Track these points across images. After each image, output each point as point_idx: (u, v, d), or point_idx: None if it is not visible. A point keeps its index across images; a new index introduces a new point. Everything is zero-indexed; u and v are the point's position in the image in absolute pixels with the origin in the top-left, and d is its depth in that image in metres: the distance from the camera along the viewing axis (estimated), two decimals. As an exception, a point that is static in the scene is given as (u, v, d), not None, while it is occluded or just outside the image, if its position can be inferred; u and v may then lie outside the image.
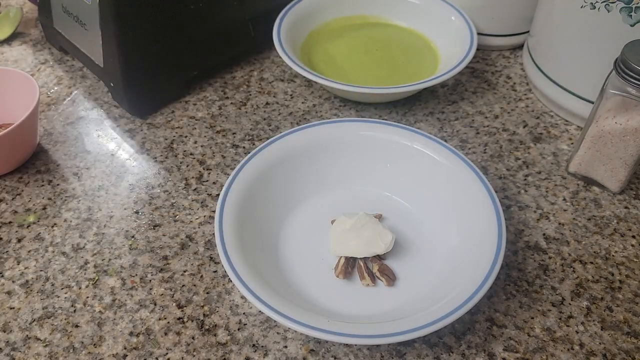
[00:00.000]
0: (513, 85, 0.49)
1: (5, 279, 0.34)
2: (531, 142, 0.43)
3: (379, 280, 0.34)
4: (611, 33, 0.38)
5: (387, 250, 0.33)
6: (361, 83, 0.45)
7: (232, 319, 0.32)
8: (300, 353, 0.31)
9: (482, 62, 0.51)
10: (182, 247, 0.36)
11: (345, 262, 0.34)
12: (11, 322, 0.32)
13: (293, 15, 0.49)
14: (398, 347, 0.31)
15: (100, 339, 0.31)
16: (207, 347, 0.31)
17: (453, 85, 0.49)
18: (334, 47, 0.49)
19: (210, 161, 0.42)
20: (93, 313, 0.33)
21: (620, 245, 0.36)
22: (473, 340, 0.31)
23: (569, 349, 0.31)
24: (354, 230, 0.34)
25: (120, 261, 0.35)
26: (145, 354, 0.31)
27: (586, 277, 0.34)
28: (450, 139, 0.43)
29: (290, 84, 0.49)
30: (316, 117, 0.45)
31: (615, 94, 0.34)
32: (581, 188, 0.40)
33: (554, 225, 0.37)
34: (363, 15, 0.53)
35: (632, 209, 0.38)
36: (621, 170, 0.37)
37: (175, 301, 0.33)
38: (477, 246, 0.31)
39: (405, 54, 0.49)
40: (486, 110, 0.46)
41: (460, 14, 0.49)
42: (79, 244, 0.36)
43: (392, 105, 0.46)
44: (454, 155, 0.36)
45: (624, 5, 0.36)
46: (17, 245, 0.36)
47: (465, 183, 0.34)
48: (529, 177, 0.40)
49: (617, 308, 0.33)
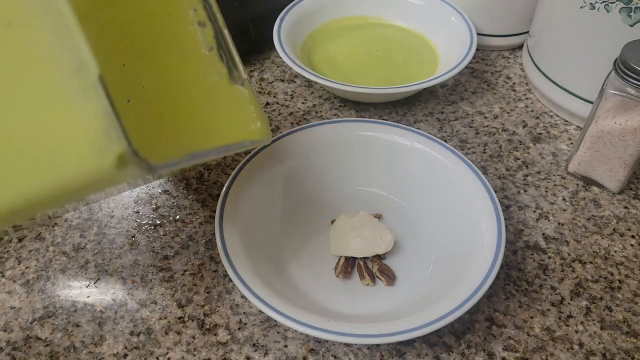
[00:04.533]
0: (512, 85, 0.49)
1: (6, 279, 0.34)
2: (531, 142, 0.43)
3: (378, 279, 0.34)
4: (611, 33, 0.38)
5: (387, 250, 0.34)
6: (361, 83, 0.46)
7: (233, 318, 0.32)
8: (300, 352, 0.31)
9: (481, 62, 0.51)
10: (183, 247, 0.36)
11: (345, 262, 0.34)
12: (12, 321, 0.32)
13: (293, 16, 0.49)
14: (398, 347, 0.31)
15: (101, 339, 0.31)
16: (208, 347, 0.31)
17: (453, 86, 0.49)
18: (334, 47, 0.49)
19: (211, 161, 0.42)
20: (94, 312, 0.33)
21: (619, 245, 0.36)
22: (473, 340, 0.31)
23: (568, 349, 0.31)
24: (354, 230, 0.34)
25: (120, 261, 0.35)
26: (146, 353, 0.31)
27: (585, 276, 0.34)
28: (449, 139, 0.43)
29: (291, 84, 0.49)
30: (316, 117, 0.45)
31: (615, 94, 0.34)
32: (580, 188, 0.40)
33: (553, 225, 0.37)
34: (363, 16, 0.53)
35: (632, 209, 0.38)
36: (620, 170, 0.37)
37: (175, 300, 0.33)
38: (477, 246, 0.32)
39: (405, 54, 0.49)
40: (486, 110, 0.46)
41: (460, 14, 0.49)
42: (79, 244, 0.36)
43: (392, 105, 0.47)
44: (453, 155, 0.36)
45: (624, 5, 0.36)
46: (18, 245, 0.36)
47: (465, 183, 0.35)
48: (528, 177, 0.41)
49: (616, 308, 0.33)
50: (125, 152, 0.19)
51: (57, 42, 0.19)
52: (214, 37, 0.28)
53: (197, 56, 0.28)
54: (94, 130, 0.19)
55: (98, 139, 0.19)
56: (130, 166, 0.19)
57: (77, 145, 0.19)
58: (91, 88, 0.19)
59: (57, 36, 0.19)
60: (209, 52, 0.28)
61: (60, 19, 0.19)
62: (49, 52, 0.19)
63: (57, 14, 0.19)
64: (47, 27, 0.19)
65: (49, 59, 0.19)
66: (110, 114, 0.19)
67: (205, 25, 0.28)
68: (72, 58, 0.19)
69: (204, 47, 0.28)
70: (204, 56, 0.28)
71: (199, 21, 0.28)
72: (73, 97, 0.19)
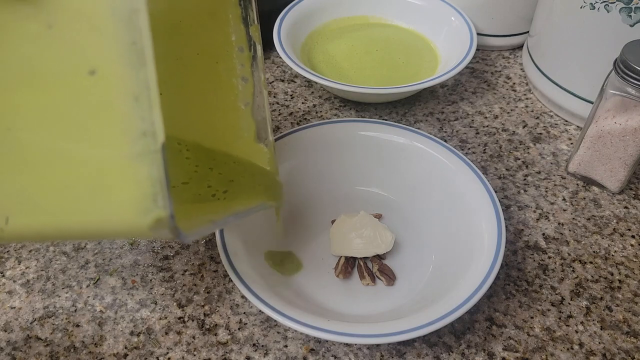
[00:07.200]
0: (513, 85, 0.49)
1: (7, 279, 0.34)
2: (531, 142, 0.43)
3: (378, 279, 0.34)
4: (611, 33, 0.38)
5: (387, 250, 0.34)
6: (361, 83, 0.46)
7: (233, 318, 0.32)
8: (300, 352, 0.31)
9: (481, 62, 0.51)
10: (183, 247, 0.36)
11: (345, 262, 0.34)
12: (12, 321, 0.32)
13: (293, 16, 0.49)
14: (398, 347, 0.31)
15: (101, 339, 0.31)
16: (208, 347, 0.31)
17: (453, 86, 0.49)
18: (334, 47, 0.49)
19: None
20: (94, 312, 0.33)
21: (619, 245, 0.36)
22: (473, 340, 0.31)
23: (568, 349, 0.31)
24: (354, 230, 0.34)
25: (121, 261, 0.35)
26: (146, 353, 0.31)
27: (585, 276, 0.34)
28: (450, 139, 0.43)
29: (291, 84, 0.49)
30: (316, 117, 0.45)
31: (615, 94, 0.34)
32: (581, 188, 0.40)
33: (553, 225, 0.37)
34: (363, 16, 0.53)
35: (632, 209, 0.38)
36: (621, 170, 0.37)
37: (175, 300, 0.33)
38: (477, 246, 0.32)
39: (405, 54, 0.49)
40: (486, 110, 0.46)
41: (460, 14, 0.49)
42: (79, 244, 0.36)
43: (392, 105, 0.47)
44: (453, 156, 0.36)
45: (624, 5, 0.36)
46: (18, 245, 0.36)
47: (465, 183, 0.35)
48: (528, 177, 0.41)
49: (616, 308, 0.33)
50: (165, 217, 0.20)
51: (133, 105, 0.20)
52: (252, 94, 0.29)
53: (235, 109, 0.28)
54: (143, 192, 0.20)
55: (145, 200, 0.20)
56: (164, 230, 0.20)
57: (123, 199, 0.20)
58: (152, 154, 0.20)
59: (135, 100, 0.20)
60: (244, 107, 0.29)
61: (143, 86, 0.20)
62: (122, 111, 0.20)
63: (142, 82, 0.20)
64: (127, 89, 0.20)
65: (120, 117, 0.20)
66: (163, 182, 0.20)
67: (247, 81, 0.29)
68: (141, 124, 0.20)
69: (241, 101, 0.29)
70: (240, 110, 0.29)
71: (243, 76, 0.29)
72: (133, 157, 0.20)
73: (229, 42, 0.28)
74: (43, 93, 0.21)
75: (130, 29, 0.20)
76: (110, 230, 0.21)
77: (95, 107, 0.20)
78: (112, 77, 0.20)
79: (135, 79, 0.20)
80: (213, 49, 0.27)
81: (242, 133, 0.29)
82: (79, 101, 0.21)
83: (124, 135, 0.20)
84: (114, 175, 0.20)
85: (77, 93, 0.21)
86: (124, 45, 0.20)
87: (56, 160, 0.21)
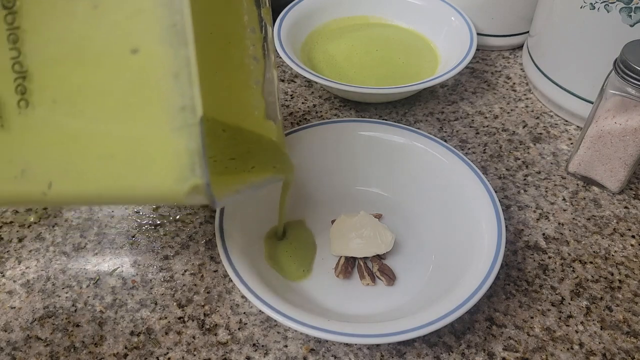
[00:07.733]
0: (513, 85, 0.49)
1: (7, 279, 0.34)
2: (531, 142, 0.43)
3: (378, 279, 0.34)
4: (611, 33, 0.38)
5: (387, 250, 0.34)
6: (361, 83, 0.46)
7: (233, 318, 0.32)
8: (300, 352, 0.31)
9: (481, 62, 0.51)
10: (183, 247, 0.36)
11: (345, 262, 0.34)
12: (12, 321, 0.32)
13: (293, 16, 0.49)
14: (398, 347, 0.31)
15: (101, 339, 0.31)
16: (208, 347, 0.31)
17: (453, 86, 0.49)
18: (334, 47, 0.49)
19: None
20: (94, 312, 0.33)
21: (619, 245, 0.36)
22: (473, 340, 0.31)
23: (568, 349, 0.31)
24: (354, 230, 0.34)
25: (121, 261, 0.35)
26: (146, 353, 0.31)
27: (586, 276, 0.34)
28: (450, 139, 0.43)
29: (291, 84, 0.49)
30: (316, 117, 0.45)
31: (615, 94, 0.34)
32: (581, 188, 0.40)
33: (553, 225, 0.37)
34: (363, 16, 0.53)
35: (632, 209, 0.38)
36: (621, 170, 0.37)
37: (175, 300, 0.33)
38: (477, 246, 0.32)
39: (405, 54, 0.49)
40: (486, 110, 0.46)
41: (460, 14, 0.49)
42: (79, 244, 0.36)
43: (392, 105, 0.47)
44: (453, 155, 0.36)
45: (624, 5, 0.36)
46: (18, 245, 0.36)
47: (465, 183, 0.35)
48: (528, 177, 0.41)
49: (616, 308, 0.33)
50: (201, 185, 0.21)
51: (173, 82, 0.21)
52: (263, 74, 0.30)
53: (247, 88, 0.29)
54: (182, 163, 0.21)
55: (183, 170, 0.21)
56: (199, 196, 0.22)
57: (162, 167, 0.22)
58: (191, 127, 0.21)
59: (175, 77, 0.21)
60: (255, 86, 0.29)
61: (183, 64, 0.21)
62: (162, 88, 0.21)
63: (182, 60, 0.21)
64: (168, 67, 0.21)
65: (160, 93, 0.21)
66: (200, 154, 0.21)
67: (258, 61, 0.29)
68: (181, 100, 0.21)
69: (253, 80, 0.29)
70: (251, 88, 0.29)
71: (254, 56, 0.29)
72: (172, 130, 0.21)
73: (241, 22, 0.29)
74: (87, 69, 0.22)
75: (172, 12, 0.21)
76: (149, 196, 0.22)
77: (136, 84, 0.22)
78: (153, 56, 0.21)
79: (174, 58, 0.21)
80: (226, 29, 0.27)
81: (253, 111, 0.29)
82: (122, 78, 0.22)
83: (164, 109, 0.21)
84: (154, 147, 0.22)
85: (119, 70, 0.22)
86: (165, 26, 0.21)
87: (99, 132, 0.22)
